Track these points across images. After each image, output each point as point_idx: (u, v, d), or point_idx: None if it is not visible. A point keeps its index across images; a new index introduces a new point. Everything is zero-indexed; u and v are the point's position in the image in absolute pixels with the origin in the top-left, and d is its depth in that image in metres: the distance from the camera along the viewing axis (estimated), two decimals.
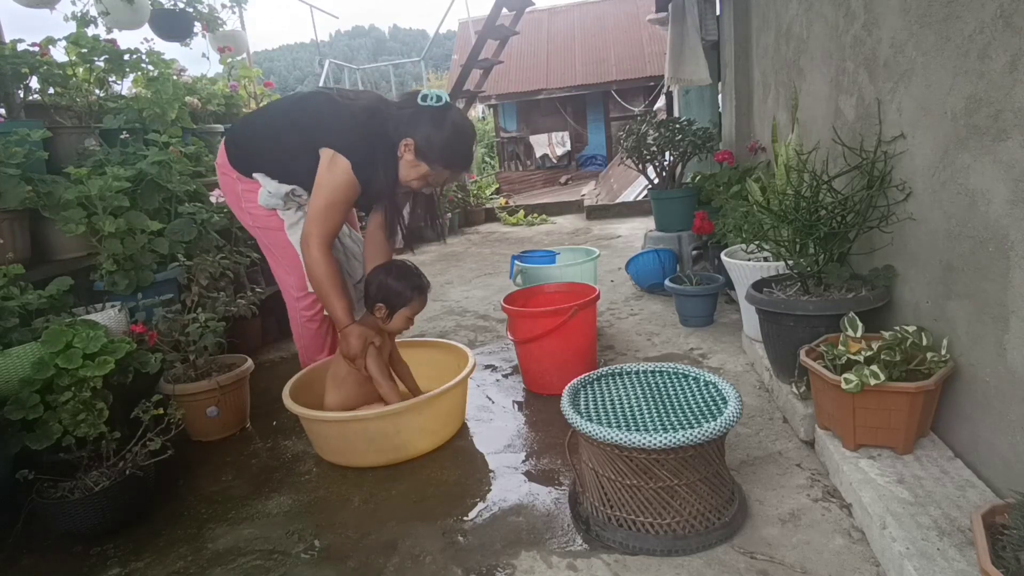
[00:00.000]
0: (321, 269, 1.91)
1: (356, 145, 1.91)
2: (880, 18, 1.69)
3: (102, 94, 2.84)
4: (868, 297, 1.68)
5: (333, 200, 1.91)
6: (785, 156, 2.18)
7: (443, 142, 1.90)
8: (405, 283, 2.00)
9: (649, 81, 11.73)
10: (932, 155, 1.48)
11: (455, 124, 1.93)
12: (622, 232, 5.98)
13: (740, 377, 2.28)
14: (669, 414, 1.48)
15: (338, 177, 1.89)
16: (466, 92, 6.91)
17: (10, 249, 2.12)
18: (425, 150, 1.90)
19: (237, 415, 2.28)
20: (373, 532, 1.60)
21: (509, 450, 1.95)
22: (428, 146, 1.90)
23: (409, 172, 1.95)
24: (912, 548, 1.17)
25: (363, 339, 1.93)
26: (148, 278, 2.37)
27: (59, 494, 1.62)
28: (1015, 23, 1.15)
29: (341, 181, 1.90)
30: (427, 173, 1.94)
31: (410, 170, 1.94)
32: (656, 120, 3.78)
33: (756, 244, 2.01)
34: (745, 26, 3.48)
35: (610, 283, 3.88)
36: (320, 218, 1.90)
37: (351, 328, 1.93)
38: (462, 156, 1.97)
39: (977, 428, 1.38)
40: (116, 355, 1.78)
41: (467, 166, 2.02)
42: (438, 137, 1.90)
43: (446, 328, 3.33)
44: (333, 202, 1.91)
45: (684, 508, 1.38)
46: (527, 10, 6.58)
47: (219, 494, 1.88)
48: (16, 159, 2.10)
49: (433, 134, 1.89)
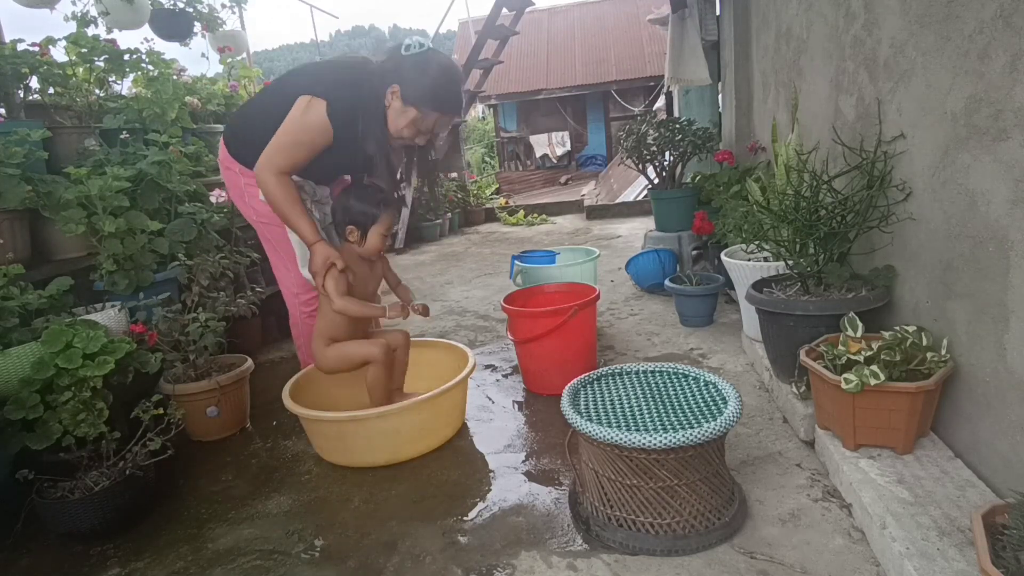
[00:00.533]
0: (279, 191, 1.89)
1: (334, 89, 1.89)
2: (880, 18, 1.69)
3: (102, 94, 2.84)
4: (868, 297, 1.68)
5: (298, 140, 1.88)
6: (785, 156, 2.18)
7: (429, 84, 1.88)
8: (368, 200, 1.98)
9: (649, 81, 11.73)
10: (932, 155, 1.48)
11: (440, 65, 1.90)
12: (622, 232, 5.98)
13: (740, 377, 2.28)
14: (669, 414, 1.48)
15: (310, 117, 1.87)
16: (466, 92, 6.91)
17: (10, 249, 2.12)
18: (412, 95, 1.87)
19: (237, 415, 2.28)
20: (373, 532, 1.60)
21: (509, 450, 1.95)
22: (415, 90, 1.87)
23: (398, 120, 1.92)
24: (912, 548, 1.17)
25: (326, 257, 1.91)
26: (148, 278, 2.37)
27: (59, 494, 1.62)
28: (1015, 23, 1.15)
29: (312, 121, 1.87)
30: (416, 118, 1.90)
31: (399, 117, 1.91)
32: (656, 120, 3.78)
33: (756, 244, 2.01)
34: (745, 26, 3.48)
35: (610, 283, 3.88)
36: (279, 150, 1.88)
37: (318, 245, 1.92)
38: (450, 97, 1.94)
39: (977, 428, 1.38)
40: (116, 355, 1.78)
41: (457, 108, 1.98)
42: (424, 80, 1.87)
43: (446, 328, 3.33)
44: (298, 141, 1.88)
45: (684, 508, 1.38)
46: (527, 10, 6.58)
47: (219, 494, 1.88)
48: (16, 159, 2.09)
49: (418, 78, 1.87)
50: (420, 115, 1.91)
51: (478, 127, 15.61)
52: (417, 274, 4.93)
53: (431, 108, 1.91)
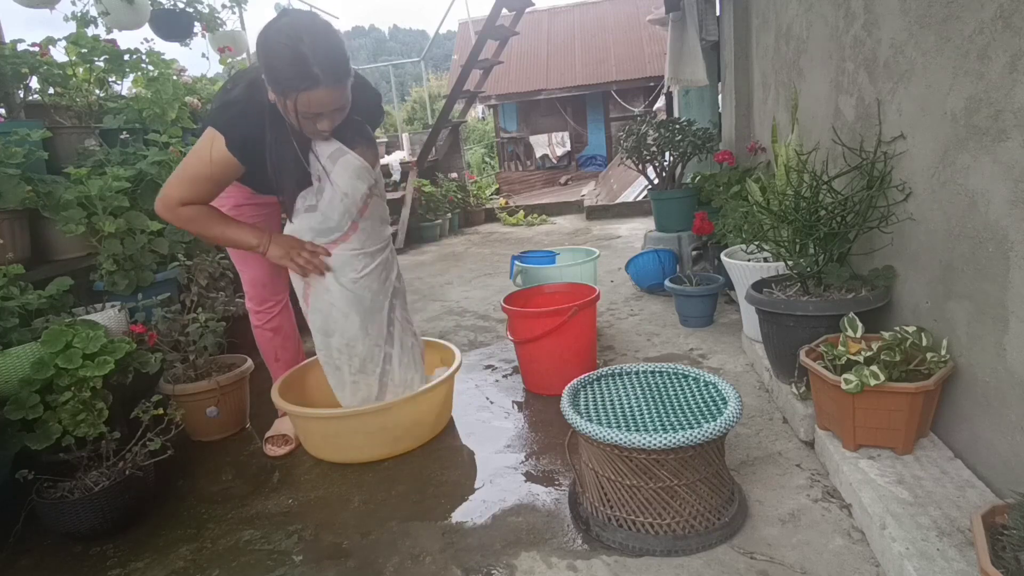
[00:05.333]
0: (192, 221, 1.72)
1: (228, 120, 1.66)
2: (880, 19, 1.69)
3: (102, 94, 2.84)
4: (868, 297, 1.68)
5: (197, 174, 1.68)
6: (785, 156, 2.18)
7: (266, 66, 1.56)
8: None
9: (649, 81, 11.72)
10: (932, 155, 1.48)
11: (268, 40, 1.54)
12: (622, 232, 5.98)
13: (740, 377, 2.28)
14: (669, 414, 1.48)
15: (213, 154, 1.65)
16: (466, 92, 6.91)
17: (10, 249, 2.12)
18: (272, 87, 1.58)
19: (237, 415, 2.28)
20: (373, 532, 1.60)
21: (509, 450, 1.95)
22: (269, 80, 1.58)
23: (290, 118, 1.64)
24: (912, 548, 1.17)
25: (286, 250, 1.80)
26: (148, 278, 2.37)
27: (59, 494, 1.62)
28: (1015, 23, 1.15)
29: (215, 158, 1.66)
30: (291, 108, 1.58)
31: (289, 117, 1.63)
32: (656, 120, 3.78)
33: (756, 244, 2.01)
34: (745, 26, 3.48)
35: (610, 283, 3.88)
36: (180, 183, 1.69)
37: (269, 247, 1.80)
38: (293, 69, 1.52)
39: (977, 428, 1.38)
40: (116, 355, 1.78)
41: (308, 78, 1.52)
42: (265, 64, 1.56)
43: (446, 328, 3.33)
44: (196, 176, 1.68)
45: (684, 508, 1.38)
46: (527, 10, 6.57)
47: (219, 494, 1.88)
48: (16, 159, 2.10)
49: (265, 67, 1.57)
50: (291, 104, 1.58)
51: (478, 127, 15.61)
52: (417, 274, 4.93)
53: (281, 94, 1.57)
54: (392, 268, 2.00)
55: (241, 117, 1.67)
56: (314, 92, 1.55)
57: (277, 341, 2.16)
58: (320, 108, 1.60)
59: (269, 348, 2.17)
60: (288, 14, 1.61)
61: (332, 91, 1.57)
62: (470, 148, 13.36)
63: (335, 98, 1.59)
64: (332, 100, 1.59)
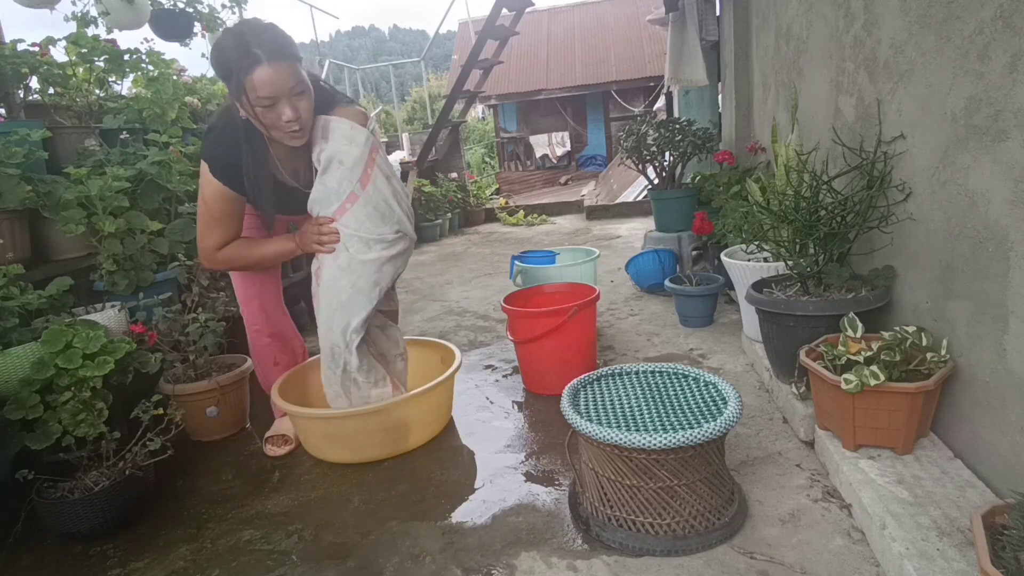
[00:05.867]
0: (233, 256, 1.81)
1: (212, 147, 1.73)
2: (880, 18, 1.69)
3: (102, 94, 2.84)
4: (868, 297, 1.68)
5: (207, 218, 1.77)
6: (785, 156, 2.18)
7: (216, 63, 1.59)
8: None
9: (649, 81, 11.72)
10: (932, 155, 1.48)
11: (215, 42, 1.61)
12: (622, 232, 5.98)
13: (740, 377, 2.28)
14: (669, 414, 1.48)
15: (205, 189, 1.74)
16: (466, 92, 6.92)
17: (10, 249, 2.12)
18: (226, 84, 1.60)
19: (237, 415, 2.28)
20: (373, 532, 1.60)
21: (509, 450, 1.95)
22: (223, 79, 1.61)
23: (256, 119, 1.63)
24: (912, 548, 1.17)
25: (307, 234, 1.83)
26: (148, 278, 2.37)
27: (59, 494, 1.62)
28: (1015, 23, 1.15)
29: (208, 193, 1.74)
30: (248, 107, 1.59)
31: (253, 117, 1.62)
32: (656, 120, 3.78)
33: (756, 244, 2.01)
34: (745, 26, 3.48)
35: (610, 283, 3.88)
36: (201, 234, 1.79)
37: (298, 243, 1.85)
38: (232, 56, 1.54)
39: (977, 428, 1.38)
40: (116, 355, 1.78)
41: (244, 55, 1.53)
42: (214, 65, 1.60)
43: (446, 328, 3.33)
44: (208, 220, 1.77)
45: (684, 508, 1.38)
46: (527, 10, 6.58)
47: (219, 494, 1.88)
48: (16, 159, 2.09)
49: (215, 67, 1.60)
50: (246, 99, 1.58)
51: (478, 127, 15.62)
52: (417, 274, 4.93)
53: (235, 91, 1.58)
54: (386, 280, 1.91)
55: (218, 142, 1.73)
56: (258, 71, 1.53)
57: (276, 346, 2.16)
58: (271, 91, 1.56)
59: (267, 353, 2.16)
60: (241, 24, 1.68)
61: (276, 68, 1.54)
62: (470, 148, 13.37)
63: (282, 76, 1.56)
64: (280, 78, 1.55)
